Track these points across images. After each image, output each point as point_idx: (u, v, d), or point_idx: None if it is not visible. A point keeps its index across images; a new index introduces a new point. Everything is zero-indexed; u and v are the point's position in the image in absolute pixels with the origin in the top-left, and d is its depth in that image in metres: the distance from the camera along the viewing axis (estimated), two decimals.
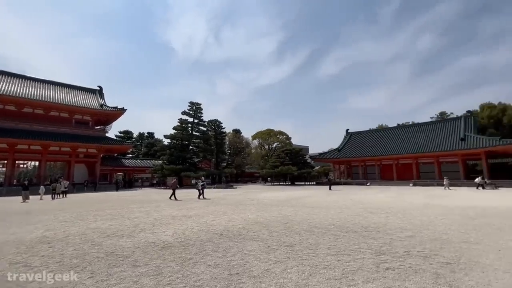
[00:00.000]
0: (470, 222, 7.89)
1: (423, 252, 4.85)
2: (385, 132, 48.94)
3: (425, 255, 4.67)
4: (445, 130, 38.91)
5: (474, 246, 5.25)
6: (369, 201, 14.77)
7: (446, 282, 3.49)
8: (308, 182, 51.04)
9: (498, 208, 11.20)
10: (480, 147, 31.40)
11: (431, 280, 3.55)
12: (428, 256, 4.61)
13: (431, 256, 4.64)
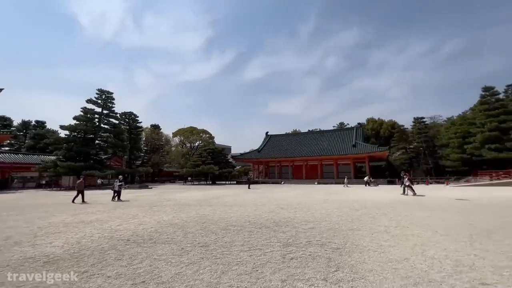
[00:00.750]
0: (355, 213, 9.71)
1: (321, 241, 5.66)
2: (298, 137, 54.99)
3: (322, 243, 5.45)
4: (342, 137, 46.77)
5: (356, 232, 6.47)
6: (282, 198, 16.22)
7: (335, 264, 4.16)
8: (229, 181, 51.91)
9: (375, 201, 14.21)
10: (365, 153, 39.23)
11: (325, 264, 4.16)
12: (324, 244, 5.40)
13: (326, 243, 5.45)
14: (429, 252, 4.76)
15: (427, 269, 3.90)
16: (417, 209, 10.54)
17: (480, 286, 3.28)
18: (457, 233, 6.20)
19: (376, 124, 62.80)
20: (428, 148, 48.49)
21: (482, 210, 9.83)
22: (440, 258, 4.37)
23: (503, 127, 34.87)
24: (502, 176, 28.92)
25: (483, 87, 39.81)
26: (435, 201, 13.30)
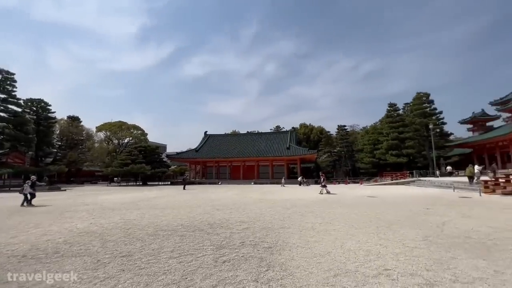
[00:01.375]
0: (286, 212, 10.30)
1: (254, 241, 5.74)
2: (237, 137, 55.67)
3: (255, 243, 5.54)
4: (278, 140, 49.50)
5: (287, 230, 6.84)
6: (218, 199, 16.02)
7: (267, 263, 4.26)
8: (162, 182, 48.57)
9: (304, 199, 15.43)
10: (297, 155, 42.45)
11: (256, 264, 4.21)
12: (257, 244, 5.50)
13: (259, 243, 5.56)
14: (346, 244, 5.36)
15: (345, 260, 4.37)
16: (338, 206, 11.89)
17: (384, 271, 3.84)
18: (368, 226, 7.22)
19: (307, 129, 68.80)
20: (348, 152, 55.82)
21: (385, 205, 11.77)
22: (355, 250, 4.97)
23: (401, 137, 42.93)
24: (399, 176, 35.51)
25: (389, 103, 48.29)
26: (352, 199, 15.30)
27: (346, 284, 3.42)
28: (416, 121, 41.27)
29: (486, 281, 3.44)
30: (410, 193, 18.28)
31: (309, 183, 37.42)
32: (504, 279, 3.50)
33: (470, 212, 9.41)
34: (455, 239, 5.68)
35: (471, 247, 5.06)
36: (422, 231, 6.47)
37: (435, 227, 6.91)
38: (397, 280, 3.51)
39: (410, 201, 13.21)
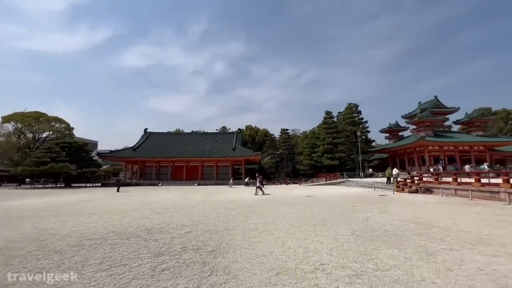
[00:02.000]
0: (230, 213, 10.27)
1: (196, 245, 5.52)
2: (181, 136, 53.18)
3: (198, 248, 5.33)
4: (224, 140, 49.23)
5: (231, 232, 6.80)
6: (158, 202, 14.95)
7: (210, 268, 4.13)
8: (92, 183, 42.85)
9: (248, 200, 15.66)
10: (243, 156, 42.97)
11: (199, 270, 4.04)
12: (200, 248, 5.30)
13: (202, 247, 5.37)
14: (287, 243, 5.63)
15: (286, 259, 4.57)
16: (280, 206, 12.46)
17: (320, 266, 4.16)
18: (306, 224, 7.75)
19: (253, 131, 70.41)
20: (289, 154, 59.25)
21: (321, 204, 12.87)
22: (295, 247, 5.26)
23: (335, 142, 47.79)
24: (332, 177, 39.42)
25: (326, 111, 53.22)
26: (292, 199, 16.25)
27: (287, 282, 3.57)
28: (347, 128, 46.67)
29: (399, 267, 4.05)
30: (340, 193, 20.43)
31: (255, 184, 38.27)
32: (412, 264, 4.19)
33: (386, 208, 11.04)
34: (375, 232, 6.56)
35: (388, 238, 5.92)
36: (350, 227, 7.27)
37: (361, 222, 7.86)
38: (331, 274, 3.83)
39: (341, 200, 14.75)
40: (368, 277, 3.68)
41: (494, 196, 13.10)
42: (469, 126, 42.78)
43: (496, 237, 5.89)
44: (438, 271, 3.88)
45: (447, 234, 6.22)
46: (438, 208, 10.97)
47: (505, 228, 6.87)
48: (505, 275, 3.74)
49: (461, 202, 13.06)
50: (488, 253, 4.73)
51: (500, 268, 3.99)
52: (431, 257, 4.53)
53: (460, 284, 3.44)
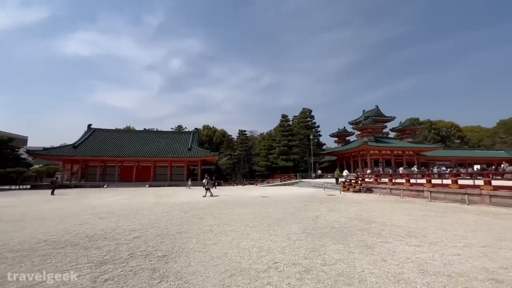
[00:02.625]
0: (184, 215, 9.91)
1: (146, 251, 5.18)
2: (132, 134, 49.39)
3: (147, 253, 5.01)
4: (179, 140, 47.30)
5: (184, 235, 6.56)
6: (103, 205, 13.61)
7: (160, 274, 3.92)
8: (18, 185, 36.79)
9: (204, 202, 15.29)
10: (199, 156, 41.87)
11: (148, 277, 3.80)
12: (150, 254, 4.99)
13: (152, 252, 5.06)
14: (242, 244, 5.67)
15: (240, 259, 4.60)
16: (235, 207, 12.48)
17: (273, 265, 4.29)
18: (261, 224, 7.91)
19: (210, 131, 69.19)
20: (247, 156, 59.85)
21: (275, 204, 13.30)
22: (249, 248, 5.33)
23: (290, 145, 49.92)
24: (286, 178, 41.09)
25: (282, 115, 55.28)
26: (248, 199, 16.43)
27: (240, 282, 3.60)
28: (301, 132, 49.27)
29: (343, 261, 4.43)
30: (294, 193, 21.40)
31: (216, 185, 37.74)
32: (354, 257, 4.61)
33: (334, 206, 11.95)
34: (324, 229, 7.05)
35: (335, 235, 6.41)
36: (302, 225, 7.68)
37: (311, 221, 8.35)
38: (283, 271, 3.99)
39: (294, 200, 15.45)
40: (316, 272, 3.93)
41: (420, 194, 15.25)
42: (402, 133, 49.00)
43: (420, 230, 6.86)
44: (375, 262, 4.35)
45: (383, 229, 7.02)
46: (377, 205, 12.30)
47: (426, 221, 8.06)
48: (426, 261, 4.38)
49: (395, 200, 14.86)
50: (414, 244, 5.49)
51: (422, 256, 4.67)
52: (370, 250, 5.05)
53: (392, 272, 3.91)
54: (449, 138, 69.67)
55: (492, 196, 11.54)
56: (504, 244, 5.38)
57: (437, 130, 69.92)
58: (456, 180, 13.80)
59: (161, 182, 38.96)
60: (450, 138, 69.90)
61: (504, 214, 9.32)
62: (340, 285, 3.47)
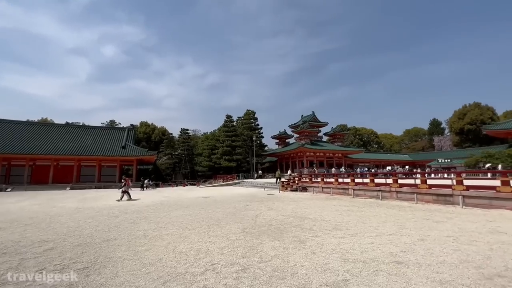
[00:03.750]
0: (114, 221, 8.92)
1: (61, 264, 4.45)
2: (49, 128, 41.96)
3: (63, 267, 4.31)
4: (111, 137, 42.43)
5: (112, 243, 5.90)
6: (3, 213, 11.14)
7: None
8: None
9: (138, 204, 14.05)
10: (135, 155, 38.35)
11: None
12: (66, 267, 4.31)
13: (69, 265, 4.38)
14: (179, 247, 5.42)
15: (176, 264, 4.38)
16: (174, 209, 11.87)
17: (210, 266, 4.23)
18: (200, 226, 7.72)
19: (149, 129, 64.19)
20: (189, 155, 57.63)
21: (217, 204, 13.17)
22: (186, 251, 5.13)
23: (234, 145, 50.28)
24: (229, 178, 41.22)
25: (226, 115, 55.30)
26: (188, 200, 15.83)
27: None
28: (244, 132, 50.19)
29: (279, 257, 4.67)
30: (236, 193, 21.60)
31: (155, 186, 35.17)
32: (288, 253, 4.92)
33: (273, 205, 12.53)
34: (262, 227, 7.32)
35: (272, 232, 6.72)
36: (242, 224, 7.80)
37: (251, 220, 8.57)
38: (220, 272, 3.97)
39: (235, 200, 15.59)
40: (253, 270, 4.04)
41: (345, 192, 17.30)
42: (333, 137, 54.82)
43: (344, 223, 7.78)
44: (306, 256, 4.73)
45: (314, 224, 7.70)
46: (310, 203, 13.42)
47: (349, 216, 9.19)
48: (347, 251, 4.98)
49: (325, 197, 16.48)
50: (339, 236, 6.18)
51: (345, 246, 5.29)
52: (302, 245, 5.47)
53: (320, 263, 4.31)
54: (369, 143, 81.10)
55: (398, 192, 13.91)
56: (405, 232, 6.54)
57: (360, 136, 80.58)
58: (373, 179, 16.15)
59: (87, 184, 34.19)
60: (370, 143, 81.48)
61: (406, 206, 11.35)
62: (275, 280, 3.65)
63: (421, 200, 12.58)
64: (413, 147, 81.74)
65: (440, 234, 6.20)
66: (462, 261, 4.29)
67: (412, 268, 4.01)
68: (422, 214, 9.32)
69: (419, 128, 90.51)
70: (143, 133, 61.69)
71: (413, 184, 13.91)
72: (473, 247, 5.12)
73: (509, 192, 9.72)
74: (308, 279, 3.65)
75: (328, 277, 3.71)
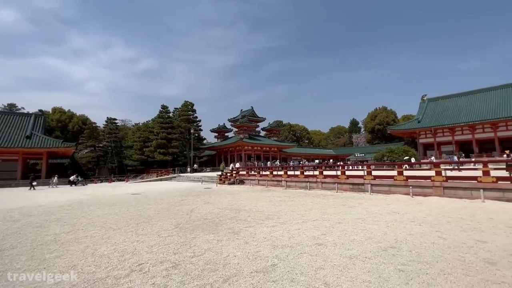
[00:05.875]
0: (13, 226, 7.35)
1: None
2: None
3: None
4: (11, 124, 34.45)
5: (8, 253, 4.85)
6: None
7: None
8: None
9: (49, 205, 11.88)
10: (45, 147, 32.13)
11: None
12: None
13: None
14: (100, 250, 4.85)
15: (95, 269, 3.91)
16: (97, 208, 10.52)
17: (137, 267, 3.93)
18: (128, 225, 7.07)
19: (64, 116, 54.66)
20: (116, 148, 51.64)
21: (149, 201, 12.26)
22: (109, 254, 4.63)
23: (169, 138, 47.37)
24: (164, 173, 38.82)
25: (162, 105, 51.54)
26: (115, 198, 14.25)
27: None
28: (182, 125, 47.81)
29: (212, 250, 4.68)
30: (171, 188, 20.53)
31: (85, 183, 30.32)
32: (222, 245, 4.98)
33: (209, 199, 12.42)
34: (197, 222, 7.19)
35: (207, 226, 6.67)
36: (175, 220, 7.49)
37: (185, 215, 8.31)
38: (148, 272, 3.73)
39: (170, 195, 14.82)
40: (185, 265, 3.94)
41: (279, 183, 18.48)
42: (270, 132, 57.50)
43: (276, 213, 8.33)
44: (239, 246, 4.88)
45: (249, 215, 7.99)
46: (247, 195, 13.84)
47: (281, 205, 9.88)
48: (277, 238, 5.36)
49: (261, 189, 17.26)
50: (270, 225, 6.58)
51: (275, 234, 5.68)
52: (236, 236, 5.62)
53: (251, 251, 4.52)
54: (301, 138, 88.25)
55: (323, 183, 15.64)
56: (326, 217, 7.43)
57: (294, 132, 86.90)
58: (303, 171, 17.71)
59: None
60: (302, 138, 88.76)
61: (329, 195, 12.87)
62: (206, 272, 3.65)
63: (341, 189, 14.47)
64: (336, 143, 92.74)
65: (352, 217, 7.28)
66: (367, 238, 5.15)
67: (329, 248, 4.60)
68: (340, 201, 10.74)
69: (342, 126, 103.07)
70: (56, 121, 52.20)
71: (335, 175, 15.84)
72: (375, 226, 6.20)
73: (402, 180, 12.08)
74: (239, 268, 3.78)
75: (258, 264, 3.92)
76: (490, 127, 34.19)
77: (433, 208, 8.48)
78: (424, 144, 40.81)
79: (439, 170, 11.47)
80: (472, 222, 6.32)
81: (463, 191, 10.38)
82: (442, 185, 10.88)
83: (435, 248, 4.48)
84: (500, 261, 3.82)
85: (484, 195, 9.64)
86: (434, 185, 11.08)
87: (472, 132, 35.73)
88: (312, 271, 3.59)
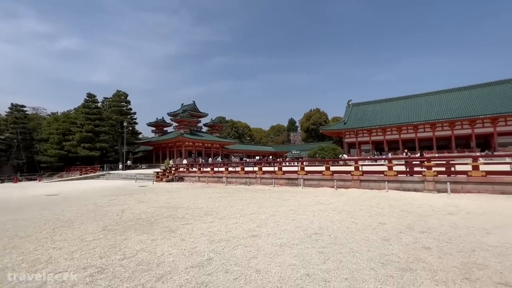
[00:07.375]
0: None
1: None
2: None
3: None
4: None
5: None
6: None
7: None
8: None
9: None
10: None
11: None
12: None
13: None
14: (1, 262, 4.09)
15: None
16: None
17: (53, 277, 3.49)
18: (40, 231, 6.08)
19: None
20: (25, 141, 43.03)
21: (69, 202, 10.72)
22: (13, 267, 3.94)
23: (97, 130, 41.91)
24: (89, 170, 34.26)
25: (88, 93, 45.06)
26: (21, 201, 11.97)
27: None
28: (113, 117, 42.86)
29: (145, 250, 4.48)
30: (99, 186, 18.34)
31: None
32: (156, 244, 4.80)
33: (144, 197, 11.64)
34: (129, 222, 6.71)
35: (140, 226, 6.30)
36: (103, 222, 6.82)
37: (115, 216, 7.63)
38: (67, 281, 3.37)
39: (97, 195, 13.27)
40: (113, 269, 3.69)
41: (220, 180, 18.55)
42: (212, 128, 56.78)
43: (215, 209, 8.41)
44: (175, 244, 4.81)
45: (187, 212, 7.86)
46: (185, 192, 13.47)
47: (221, 201, 10.00)
48: (215, 233, 5.46)
49: (201, 186, 17.01)
50: (208, 221, 6.64)
51: (213, 229, 5.77)
52: (172, 234, 5.49)
53: (188, 248, 4.51)
54: (243, 135, 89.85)
55: (262, 179, 16.41)
56: (262, 210, 7.89)
57: (236, 129, 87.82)
58: (243, 168, 18.20)
59: None
60: (244, 135, 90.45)
61: (266, 190, 13.61)
62: (138, 273, 3.51)
63: (277, 184, 15.46)
64: (276, 141, 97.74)
65: (286, 209, 7.94)
66: (296, 227, 5.73)
67: (263, 239, 4.95)
68: (276, 195, 11.51)
69: (281, 125, 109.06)
70: None
71: (272, 171, 16.80)
72: (304, 216, 6.92)
73: (328, 175, 13.68)
74: (174, 265, 3.75)
75: (194, 259, 3.96)
76: (396, 130, 41.47)
77: (351, 198, 9.91)
78: (348, 143, 46.73)
79: (357, 166, 13.41)
80: (378, 208, 7.68)
81: (374, 183, 12.41)
82: (359, 179, 12.78)
83: (349, 231, 5.31)
84: (392, 238, 4.81)
85: (388, 186, 11.74)
86: (353, 178, 12.91)
87: (383, 134, 42.69)
88: (246, 261, 3.84)
